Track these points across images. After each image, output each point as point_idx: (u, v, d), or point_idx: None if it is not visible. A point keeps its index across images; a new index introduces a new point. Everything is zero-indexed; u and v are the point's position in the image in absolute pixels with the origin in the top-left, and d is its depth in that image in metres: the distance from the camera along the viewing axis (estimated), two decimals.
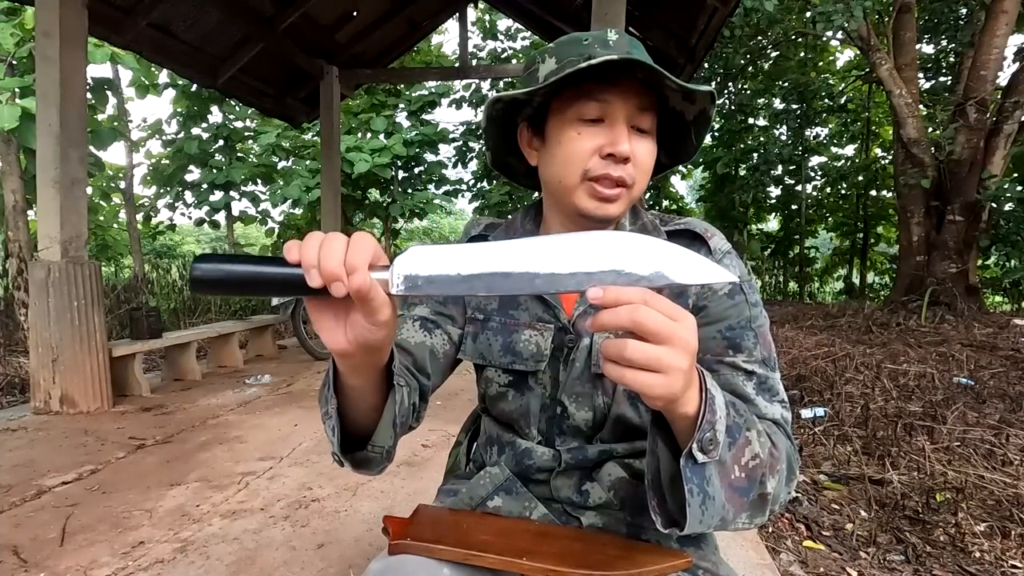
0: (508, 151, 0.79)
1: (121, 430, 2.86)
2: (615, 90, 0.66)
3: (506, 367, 0.78)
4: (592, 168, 0.67)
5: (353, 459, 0.62)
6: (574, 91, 0.67)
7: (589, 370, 0.74)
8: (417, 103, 10.80)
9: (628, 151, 0.65)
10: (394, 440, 0.64)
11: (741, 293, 0.70)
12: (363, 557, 1.64)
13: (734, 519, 0.55)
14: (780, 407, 0.67)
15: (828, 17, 6.29)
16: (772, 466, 0.57)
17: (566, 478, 0.77)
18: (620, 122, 0.66)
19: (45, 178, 3.12)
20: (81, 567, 1.60)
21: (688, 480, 0.49)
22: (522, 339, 0.77)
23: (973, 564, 1.66)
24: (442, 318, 0.81)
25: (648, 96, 0.67)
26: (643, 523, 0.75)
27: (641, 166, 0.68)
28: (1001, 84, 7.04)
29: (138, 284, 7.58)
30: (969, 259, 6.91)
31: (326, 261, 0.41)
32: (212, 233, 15.63)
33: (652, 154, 0.70)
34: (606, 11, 3.39)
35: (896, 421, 2.76)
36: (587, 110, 0.67)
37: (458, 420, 0.98)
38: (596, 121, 0.67)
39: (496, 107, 0.72)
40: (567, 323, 0.75)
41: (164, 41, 4.74)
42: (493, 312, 0.80)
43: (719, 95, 12.00)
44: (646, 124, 0.68)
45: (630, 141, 0.66)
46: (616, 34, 0.68)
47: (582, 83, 0.66)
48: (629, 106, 0.66)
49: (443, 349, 0.79)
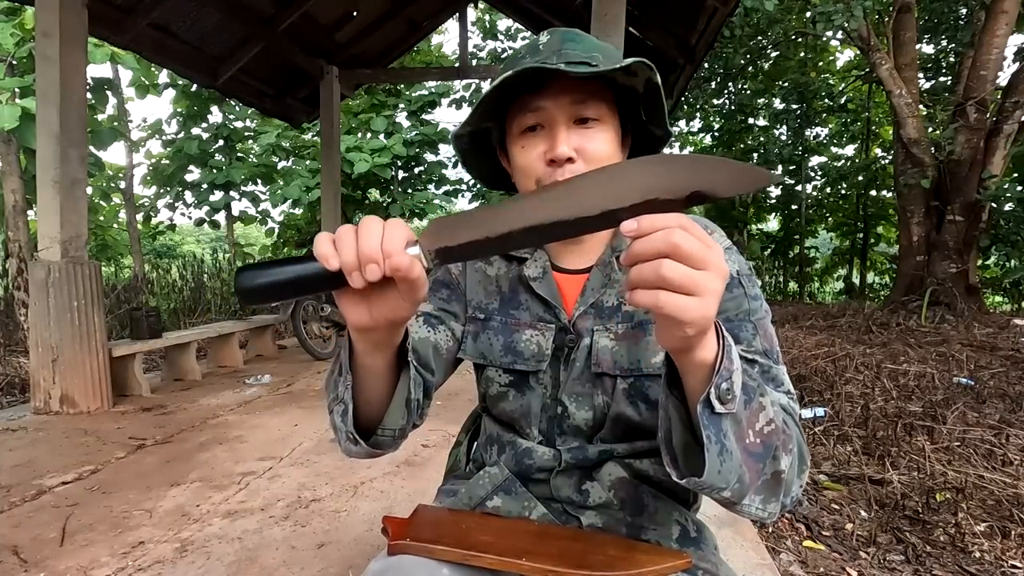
0: (505, 174, 0.82)
1: (121, 430, 2.86)
2: (547, 93, 0.67)
3: (507, 367, 0.78)
4: (542, 176, 0.69)
5: (367, 441, 0.63)
6: (515, 107, 0.70)
7: (589, 370, 0.74)
8: (417, 103, 10.81)
9: (566, 152, 0.66)
10: (407, 420, 0.64)
11: (740, 286, 0.70)
12: (363, 557, 1.64)
13: (749, 492, 0.53)
14: (786, 397, 0.65)
15: (828, 17, 6.29)
16: (785, 442, 0.55)
17: (566, 477, 0.77)
18: (556, 125, 0.68)
19: (45, 178, 3.12)
20: (81, 567, 1.60)
21: (705, 427, 0.48)
22: (523, 339, 0.77)
23: (973, 564, 1.66)
24: (446, 314, 0.81)
25: (589, 83, 0.68)
26: (643, 523, 0.74)
27: (593, 157, 0.68)
28: (1001, 84, 7.04)
29: (138, 284, 7.57)
30: (969, 259, 6.90)
31: (365, 248, 0.43)
32: (212, 233, 15.64)
33: (607, 140, 0.70)
34: (606, 11, 3.39)
35: (896, 421, 2.76)
36: (525, 120, 0.69)
37: (458, 420, 0.98)
38: (536, 129, 0.69)
39: (461, 142, 0.77)
40: (567, 323, 0.75)
41: (164, 41, 4.74)
42: (494, 312, 0.80)
43: (719, 95, 12.03)
44: (591, 112, 0.69)
45: (572, 138, 0.67)
46: (548, 35, 0.70)
47: (517, 97, 0.69)
48: (563, 104, 0.67)
49: (446, 345, 0.80)
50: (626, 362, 0.72)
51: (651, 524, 0.74)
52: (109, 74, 8.10)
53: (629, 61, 0.66)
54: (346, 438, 0.63)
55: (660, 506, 0.75)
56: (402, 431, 0.66)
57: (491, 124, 0.77)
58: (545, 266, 0.78)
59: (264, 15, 5.11)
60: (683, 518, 0.76)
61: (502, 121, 0.75)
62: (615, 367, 0.72)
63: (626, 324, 0.73)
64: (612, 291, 0.75)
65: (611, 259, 0.75)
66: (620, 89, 0.72)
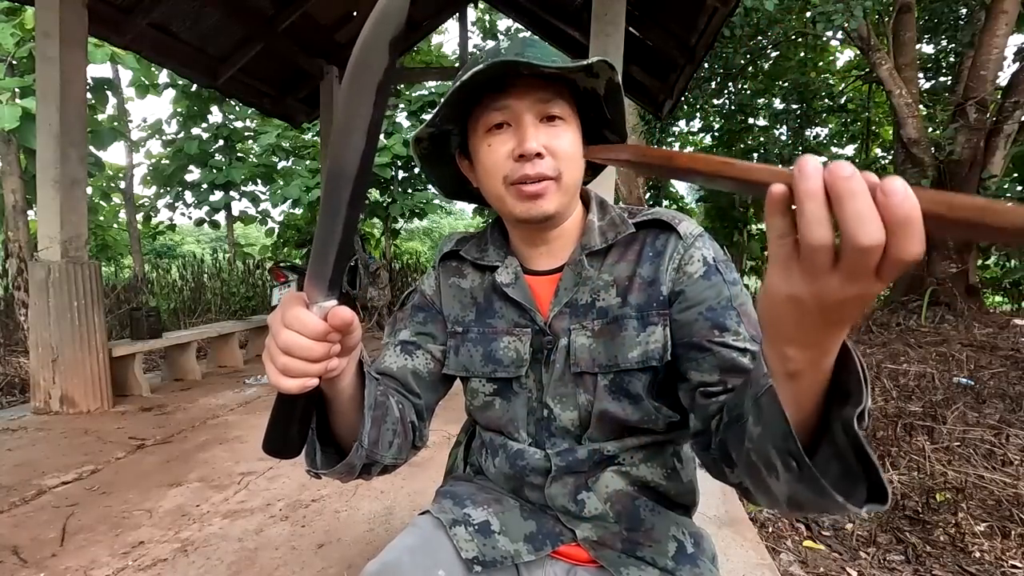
0: (461, 182, 0.82)
1: (121, 430, 2.86)
2: (512, 92, 0.68)
3: (489, 376, 0.78)
4: (510, 172, 0.69)
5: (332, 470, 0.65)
6: (479, 107, 0.70)
7: (569, 370, 0.74)
8: (417, 103, 10.79)
9: (535, 147, 0.67)
10: (367, 427, 0.63)
11: (717, 273, 0.70)
12: (363, 557, 1.64)
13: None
14: None
15: (828, 17, 6.29)
16: None
17: (561, 486, 0.76)
18: (523, 122, 0.68)
19: (45, 178, 3.12)
20: (81, 567, 1.60)
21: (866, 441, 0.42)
22: (501, 346, 0.77)
23: (973, 564, 1.66)
24: (423, 338, 0.82)
25: (551, 86, 0.69)
26: (639, 539, 0.74)
27: (561, 155, 0.69)
28: (1001, 84, 7.04)
29: (138, 284, 7.58)
30: (969, 259, 6.90)
31: (296, 366, 0.49)
32: (212, 233, 15.63)
33: (572, 140, 0.70)
34: (606, 11, 3.38)
35: (896, 421, 2.76)
36: (491, 119, 0.69)
37: (458, 420, 0.98)
38: (503, 127, 0.69)
39: (421, 146, 0.76)
40: (544, 324, 0.75)
41: (164, 41, 4.74)
42: (471, 323, 0.80)
43: (719, 95, 12.01)
44: (556, 110, 0.69)
45: (540, 135, 0.68)
46: (508, 40, 0.71)
47: (481, 97, 0.69)
48: (529, 102, 0.68)
49: (426, 368, 0.81)
50: (604, 359, 0.72)
51: (647, 540, 0.74)
52: (109, 74, 8.11)
53: (592, 60, 0.66)
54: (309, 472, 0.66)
55: (658, 521, 0.75)
56: (393, 447, 0.70)
57: (452, 127, 0.76)
58: (517, 271, 0.78)
59: (264, 15, 5.11)
60: (680, 531, 0.75)
61: (463, 124, 0.74)
62: (594, 364, 0.72)
63: (601, 320, 0.73)
64: (585, 288, 0.74)
65: (581, 257, 0.75)
66: (580, 94, 0.73)
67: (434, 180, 0.82)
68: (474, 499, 0.78)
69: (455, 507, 0.77)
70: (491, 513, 0.76)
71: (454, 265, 0.84)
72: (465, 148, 0.76)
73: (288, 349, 0.48)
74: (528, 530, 0.75)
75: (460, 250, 0.83)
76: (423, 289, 0.85)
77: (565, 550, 0.77)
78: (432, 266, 0.87)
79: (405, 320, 0.84)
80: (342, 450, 0.65)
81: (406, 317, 0.84)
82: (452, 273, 0.84)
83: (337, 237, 0.47)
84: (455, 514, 0.75)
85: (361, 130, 0.46)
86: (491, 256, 0.80)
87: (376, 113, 0.45)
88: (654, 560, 0.73)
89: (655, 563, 0.72)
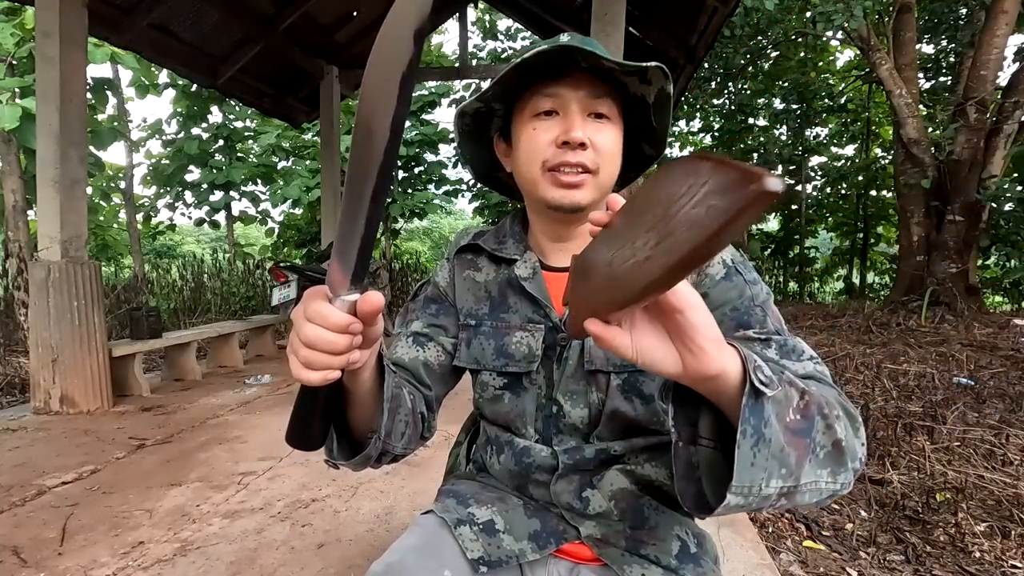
0: (493, 166, 0.82)
1: (121, 430, 2.86)
2: (565, 82, 0.68)
3: (500, 370, 0.78)
4: (550, 158, 0.69)
5: (352, 461, 0.65)
6: (529, 92, 0.70)
7: (582, 367, 0.73)
8: (417, 103, 10.80)
9: (581, 136, 0.67)
10: (384, 418, 0.63)
11: (737, 274, 0.70)
12: (363, 557, 1.64)
13: (805, 468, 0.49)
14: (811, 363, 0.62)
15: (828, 17, 6.29)
16: (826, 409, 0.51)
17: (566, 483, 0.76)
18: (572, 111, 0.68)
19: (45, 178, 3.12)
20: (81, 567, 1.60)
21: (745, 421, 0.45)
22: (514, 341, 0.77)
23: (973, 564, 1.66)
24: (435, 329, 0.82)
25: (603, 85, 0.69)
26: (642, 537, 0.74)
27: (603, 151, 0.69)
28: (1001, 84, 7.04)
29: (138, 284, 7.58)
30: (969, 259, 6.90)
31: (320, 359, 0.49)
32: (212, 233, 15.64)
33: (615, 139, 0.71)
34: (606, 11, 3.39)
35: (896, 421, 2.76)
36: (540, 104, 0.70)
37: (458, 420, 0.98)
38: (551, 114, 0.70)
39: (464, 121, 0.76)
40: (558, 322, 0.75)
41: (164, 41, 4.74)
42: (484, 317, 0.80)
43: (719, 95, 12.02)
44: (604, 109, 0.70)
45: (587, 127, 0.68)
46: (569, 36, 0.70)
47: (533, 83, 0.70)
48: (581, 94, 0.69)
49: (437, 360, 0.81)
50: (618, 358, 0.71)
51: (651, 539, 0.74)
52: (109, 74, 8.11)
53: (649, 64, 0.67)
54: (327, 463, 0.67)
55: (661, 520, 0.75)
56: (404, 437, 0.69)
57: (499, 107, 0.76)
58: (535, 266, 0.78)
59: (264, 15, 5.11)
60: (684, 531, 0.75)
61: (509, 106, 0.75)
62: (608, 363, 0.72)
63: None
64: None
65: None
66: (628, 100, 0.73)
67: (467, 158, 0.83)
68: (478, 498, 0.78)
69: (459, 506, 0.77)
70: (495, 512, 0.76)
71: (469, 258, 0.85)
72: (505, 132, 0.76)
73: (310, 342, 0.47)
74: (532, 528, 0.75)
75: (478, 242, 0.84)
76: (436, 281, 0.86)
77: (569, 548, 0.77)
78: (446, 258, 0.87)
79: (417, 311, 0.85)
80: (354, 440, 0.66)
81: (419, 308, 0.85)
82: (467, 266, 0.84)
83: (360, 231, 0.46)
84: (459, 513, 0.75)
85: (385, 124, 0.45)
86: (509, 249, 0.81)
87: (400, 106, 0.44)
88: (657, 558, 0.72)
89: (659, 561, 0.72)
